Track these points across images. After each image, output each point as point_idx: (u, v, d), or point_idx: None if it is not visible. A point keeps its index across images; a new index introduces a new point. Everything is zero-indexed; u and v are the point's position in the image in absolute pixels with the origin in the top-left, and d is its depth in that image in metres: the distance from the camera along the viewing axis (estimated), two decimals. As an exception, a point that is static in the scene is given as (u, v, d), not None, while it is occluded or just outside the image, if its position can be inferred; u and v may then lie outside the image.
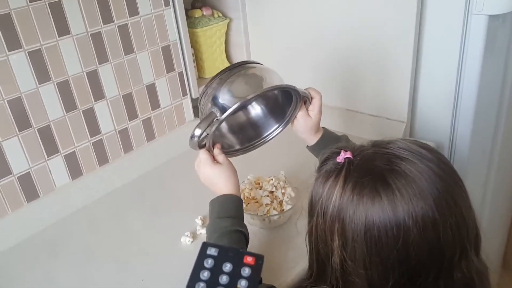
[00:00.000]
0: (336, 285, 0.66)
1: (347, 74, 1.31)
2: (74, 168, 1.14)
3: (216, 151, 0.88)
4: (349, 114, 1.35)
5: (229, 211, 0.82)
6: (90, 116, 1.14)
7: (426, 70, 1.20)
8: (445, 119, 1.24)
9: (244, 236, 0.81)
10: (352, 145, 0.68)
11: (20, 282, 0.95)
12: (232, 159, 0.90)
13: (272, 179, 1.04)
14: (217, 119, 0.82)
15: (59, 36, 1.04)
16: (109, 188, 1.19)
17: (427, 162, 0.62)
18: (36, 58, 1.01)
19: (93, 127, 1.15)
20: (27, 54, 0.99)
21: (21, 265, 0.99)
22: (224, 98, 0.82)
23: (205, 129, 0.83)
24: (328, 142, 0.94)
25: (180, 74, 1.30)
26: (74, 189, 1.14)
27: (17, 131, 1.01)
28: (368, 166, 0.62)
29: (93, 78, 1.12)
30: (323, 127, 0.97)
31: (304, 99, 0.91)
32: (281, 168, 1.12)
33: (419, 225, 0.59)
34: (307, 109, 0.93)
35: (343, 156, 0.65)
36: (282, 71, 0.90)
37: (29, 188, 1.06)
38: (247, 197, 1.01)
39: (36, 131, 1.05)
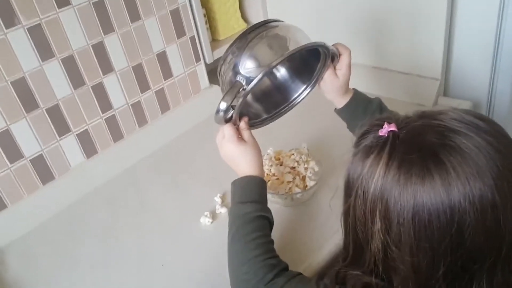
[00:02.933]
0: (375, 271, 0.61)
1: (375, 28, 1.19)
2: (88, 146, 1.09)
3: (243, 125, 0.82)
4: (377, 72, 1.25)
5: (252, 195, 0.77)
6: (100, 91, 1.08)
7: (462, 21, 1.08)
8: (483, 75, 1.13)
9: (268, 222, 0.76)
10: (396, 116, 0.60)
11: (41, 265, 0.94)
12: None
13: (293, 154, 0.98)
14: (243, 89, 0.75)
15: (58, 8, 0.96)
16: (125, 165, 1.15)
17: (485, 136, 0.54)
18: (36, 34, 0.94)
19: (104, 103, 1.09)
20: (26, 31, 0.93)
21: (41, 248, 0.98)
22: (247, 65, 0.75)
23: (232, 101, 0.76)
24: (359, 105, 0.87)
25: (192, 38, 1.22)
26: (90, 168, 1.10)
27: (25, 113, 0.97)
28: (417, 141, 0.55)
29: (100, 50, 1.05)
30: (353, 88, 0.89)
31: (332, 56, 0.83)
32: (303, 140, 1.05)
33: (476, 208, 0.52)
34: (334, 68, 0.85)
35: (386, 129, 0.57)
36: (301, 27, 0.81)
37: (43, 170, 1.03)
38: (267, 174, 0.95)
39: (45, 111, 1.00)
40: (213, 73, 1.26)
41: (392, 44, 1.19)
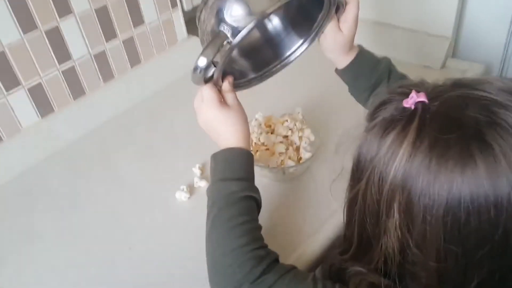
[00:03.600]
0: (387, 274, 0.50)
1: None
2: (42, 103, 0.92)
3: (227, 86, 0.68)
4: (380, 29, 1.11)
5: (237, 171, 0.64)
6: (55, 37, 0.90)
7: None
8: (499, 36, 1.01)
9: (256, 203, 0.64)
10: (425, 83, 0.48)
11: None
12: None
13: (286, 120, 0.84)
14: (228, 42, 0.60)
15: None
16: (88, 126, 0.99)
17: None
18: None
19: (61, 52, 0.92)
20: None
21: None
22: (234, 11, 0.60)
23: (213, 57, 0.61)
24: (364, 66, 0.74)
25: (168, -22, 1.04)
26: (45, 129, 0.94)
27: (-40, 61, 0.79)
28: (455, 116, 0.43)
29: (54, -13, 0.86)
30: (358, 45, 0.76)
31: (336, 4, 0.69)
32: (297, 104, 0.91)
33: None
34: (338, 20, 0.71)
35: (415, 98, 0.45)
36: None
37: (-13, 130, 0.87)
38: (255, 143, 0.81)
39: (-14, 60, 0.82)
40: (192, 22, 1.08)
41: (398, -3, 1.04)
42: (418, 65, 1.05)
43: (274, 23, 0.75)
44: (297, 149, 0.82)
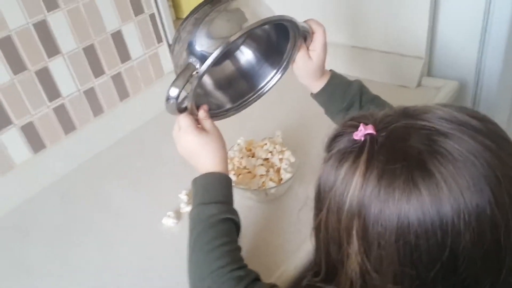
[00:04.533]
0: None
1: (352, 3, 1.09)
2: (34, 140, 0.96)
3: (202, 114, 0.71)
4: (355, 52, 1.15)
5: (216, 195, 0.66)
6: (45, 77, 0.95)
7: (448, -7, 0.99)
8: (470, 53, 1.05)
9: (234, 224, 0.66)
10: (374, 114, 0.50)
11: None
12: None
13: (266, 144, 0.87)
14: (196, 73, 0.64)
15: (-12, -20, 0.82)
16: (80, 160, 1.03)
17: (482, 139, 0.44)
18: (-38, 11, 0.80)
19: (51, 90, 0.96)
20: (-51, 7, 0.79)
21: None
22: (202, 43, 0.64)
23: (184, 86, 0.65)
24: (337, 89, 0.78)
25: (152, 16, 1.09)
26: (38, 164, 0.98)
27: (-46, 104, 0.83)
28: (400, 147, 0.45)
29: (42, 29, 0.92)
30: (330, 70, 0.79)
31: (303, 35, 0.73)
32: (277, 127, 0.94)
33: (472, 228, 0.43)
34: (307, 48, 0.75)
35: (363, 131, 0.47)
36: (272, 3, 0.71)
37: (-19, 168, 0.90)
38: (237, 167, 0.85)
39: (-21, 101, 0.87)
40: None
41: (371, 21, 1.09)
42: (394, 84, 1.09)
43: (247, 56, 0.79)
44: (278, 170, 0.85)
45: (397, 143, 0.46)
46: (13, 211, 0.94)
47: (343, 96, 0.77)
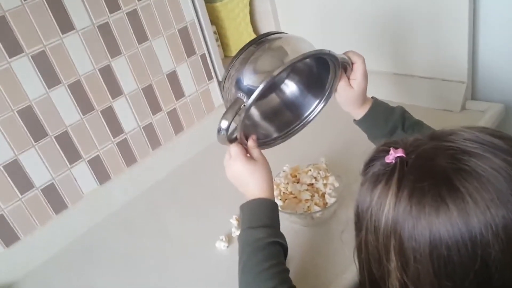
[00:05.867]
0: None
1: (392, 32, 1.13)
2: (100, 172, 1.07)
3: (251, 143, 0.77)
4: (397, 79, 1.18)
5: (263, 219, 0.71)
6: (109, 116, 1.05)
7: (487, 16, 1.01)
8: (514, 74, 1.04)
9: (281, 247, 0.70)
10: (404, 140, 0.54)
11: None
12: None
13: (310, 170, 0.91)
14: (244, 106, 0.70)
15: (62, 33, 0.94)
16: (140, 189, 1.12)
17: (504, 156, 0.47)
18: (41, 61, 0.93)
19: (115, 127, 1.07)
20: (30, 58, 0.91)
21: (57, 278, 0.95)
22: (248, 79, 0.70)
23: (233, 119, 0.71)
24: (379, 115, 0.81)
25: (203, 56, 1.19)
26: (103, 194, 1.07)
27: (33, 142, 0.95)
28: (427, 166, 0.49)
29: (107, 74, 1.03)
30: (372, 97, 0.83)
31: (343, 65, 0.77)
32: (321, 154, 0.99)
33: (501, 239, 0.45)
34: (348, 78, 0.79)
35: (393, 155, 0.51)
36: (316, 39, 0.77)
37: (55, 199, 1.01)
38: (283, 192, 0.89)
39: (54, 138, 0.98)
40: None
41: (411, 48, 1.12)
42: (438, 109, 1.11)
43: (292, 88, 0.85)
44: (323, 195, 0.88)
45: (424, 163, 0.49)
46: (81, 237, 1.03)
47: (386, 122, 0.80)
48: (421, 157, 0.50)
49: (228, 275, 0.83)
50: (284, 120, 0.85)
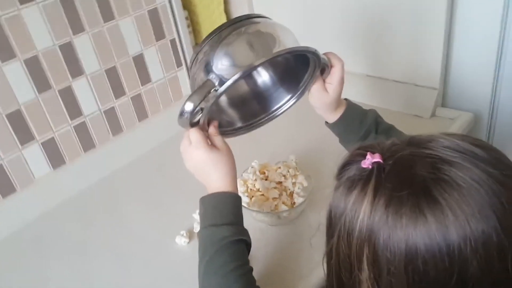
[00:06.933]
0: None
1: (369, 34, 1.11)
2: (54, 156, 0.99)
3: (213, 130, 0.71)
4: (371, 81, 1.17)
5: (227, 216, 0.66)
6: (68, 96, 0.98)
7: (462, 26, 1.01)
8: (485, 84, 1.05)
9: (246, 245, 0.67)
10: (381, 144, 0.51)
11: (7, 281, 0.85)
12: (228, 141, 0.72)
13: (280, 167, 0.88)
14: (214, 90, 0.64)
15: (20, 4, 0.87)
16: (97, 177, 1.05)
17: (485, 166, 0.45)
18: (-5, 31, 0.85)
19: (73, 109, 1.00)
20: (-17, 27, 0.83)
21: (5, 264, 0.88)
22: (222, 63, 0.64)
23: (200, 102, 0.65)
24: (353, 120, 0.77)
25: (173, 41, 1.13)
26: (57, 180, 1.00)
27: (-19, 119, 0.87)
28: (405, 175, 0.46)
29: (68, 51, 0.96)
30: (345, 99, 0.79)
31: (322, 66, 0.73)
32: (291, 152, 0.95)
33: (479, 256, 0.43)
34: (323, 81, 0.75)
35: (370, 160, 0.48)
36: (293, 29, 0.72)
37: (3, 181, 0.93)
38: (251, 189, 0.86)
39: (5, 117, 0.90)
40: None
41: (387, 52, 1.11)
42: (409, 114, 1.10)
43: (263, 78, 0.80)
44: (291, 194, 0.86)
45: (402, 171, 0.47)
46: (31, 224, 0.96)
47: (359, 126, 0.77)
48: (399, 164, 0.48)
49: (188, 272, 0.78)
50: (251, 110, 0.80)
